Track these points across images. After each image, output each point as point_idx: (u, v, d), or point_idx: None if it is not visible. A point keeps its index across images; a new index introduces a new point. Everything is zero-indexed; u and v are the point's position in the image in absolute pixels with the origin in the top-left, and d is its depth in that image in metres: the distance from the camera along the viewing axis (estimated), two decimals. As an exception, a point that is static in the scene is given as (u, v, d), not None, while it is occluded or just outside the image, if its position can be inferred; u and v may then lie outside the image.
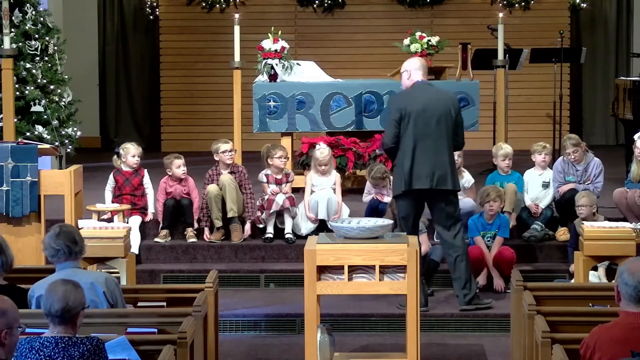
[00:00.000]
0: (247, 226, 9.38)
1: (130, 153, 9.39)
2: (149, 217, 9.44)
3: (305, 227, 9.36)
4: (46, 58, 11.39)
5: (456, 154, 9.31)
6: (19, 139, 9.59)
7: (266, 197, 9.38)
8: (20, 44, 11.06)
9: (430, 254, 8.64)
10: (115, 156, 9.59)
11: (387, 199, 9.01)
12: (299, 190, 9.90)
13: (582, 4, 14.98)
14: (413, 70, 8.07)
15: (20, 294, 5.77)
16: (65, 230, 5.72)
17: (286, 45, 10.65)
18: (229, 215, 9.28)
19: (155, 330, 5.55)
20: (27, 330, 5.17)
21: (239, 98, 10.93)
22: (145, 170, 9.52)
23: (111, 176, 9.41)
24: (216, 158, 9.50)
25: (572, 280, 8.09)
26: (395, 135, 7.89)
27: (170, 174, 9.49)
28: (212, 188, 9.30)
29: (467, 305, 8.06)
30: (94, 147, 14.48)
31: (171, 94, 15.06)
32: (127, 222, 8.90)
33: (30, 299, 5.71)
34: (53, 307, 4.64)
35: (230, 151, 9.46)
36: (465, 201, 9.25)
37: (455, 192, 8.10)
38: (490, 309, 8.17)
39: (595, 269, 8.03)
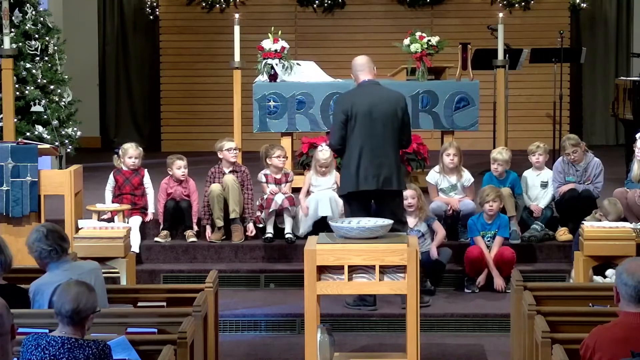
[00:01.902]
0: (250, 226, 9.39)
1: (127, 154, 9.38)
2: (149, 217, 9.44)
3: (304, 227, 9.35)
4: (46, 58, 11.39)
5: (452, 153, 9.34)
6: (19, 139, 9.59)
7: (265, 196, 9.38)
8: (20, 44, 11.06)
9: (438, 255, 8.70)
10: (115, 156, 9.60)
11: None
12: (298, 190, 9.89)
13: (582, 4, 14.98)
14: (358, 72, 8.10)
15: (20, 293, 5.78)
16: (52, 229, 5.81)
17: (286, 45, 10.65)
18: (232, 216, 9.29)
19: (155, 330, 5.56)
20: (27, 330, 5.19)
21: (239, 98, 10.93)
22: (146, 170, 9.52)
23: (111, 176, 9.42)
24: (220, 156, 9.51)
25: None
26: (341, 137, 7.92)
27: (170, 174, 9.50)
28: (215, 187, 9.29)
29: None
30: (94, 147, 14.48)
31: (171, 94, 15.06)
32: (127, 222, 8.90)
33: (34, 296, 5.72)
34: (64, 307, 4.65)
35: (234, 149, 9.48)
36: (466, 202, 9.25)
37: (401, 192, 8.15)
38: (429, 306, 8.22)
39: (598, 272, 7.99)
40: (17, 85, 10.64)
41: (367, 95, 7.95)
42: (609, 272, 7.74)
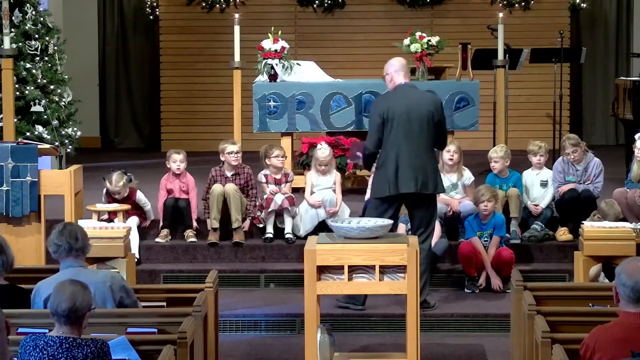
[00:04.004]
0: (247, 222, 9.39)
1: (112, 192, 9.18)
2: (148, 222, 9.43)
3: (304, 228, 9.35)
4: (46, 58, 11.39)
5: (452, 150, 9.35)
6: (19, 139, 9.58)
7: (265, 196, 9.38)
8: (20, 44, 11.06)
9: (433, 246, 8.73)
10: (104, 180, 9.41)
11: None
12: (299, 190, 9.90)
13: (582, 4, 14.98)
14: (394, 73, 8.06)
15: (21, 293, 5.79)
16: (69, 227, 5.77)
17: (286, 45, 10.65)
18: (234, 225, 9.26)
19: (155, 330, 5.56)
20: (28, 330, 5.19)
21: (239, 98, 10.94)
22: (138, 191, 9.39)
23: (104, 191, 9.31)
24: (222, 158, 9.51)
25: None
26: (379, 139, 7.86)
27: (169, 167, 9.53)
28: (218, 187, 9.26)
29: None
30: (94, 147, 14.48)
31: (171, 94, 15.05)
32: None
33: (34, 297, 5.71)
34: (60, 306, 4.64)
35: (236, 153, 9.44)
36: (466, 204, 9.24)
37: (435, 196, 8.10)
38: (435, 309, 8.21)
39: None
40: (17, 85, 10.64)
41: (404, 97, 7.91)
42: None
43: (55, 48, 11.56)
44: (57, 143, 10.72)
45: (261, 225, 9.46)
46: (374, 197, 8.04)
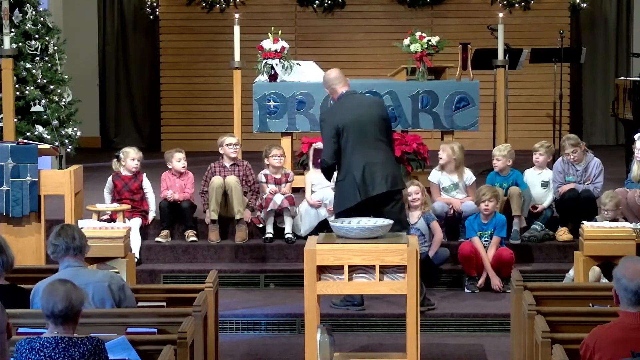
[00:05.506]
0: (247, 213, 9.38)
1: (130, 157, 9.36)
2: (150, 218, 9.44)
3: (304, 227, 9.35)
4: (46, 58, 11.39)
5: (454, 147, 9.34)
6: (19, 139, 9.58)
7: (265, 196, 9.39)
8: (20, 44, 11.06)
9: (432, 255, 8.72)
10: (115, 159, 9.57)
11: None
12: (299, 190, 9.90)
13: (582, 4, 14.98)
14: (335, 86, 7.97)
15: (21, 293, 5.79)
16: (67, 228, 5.80)
17: (286, 45, 10.65)
18: (236, 217, 9.27)
19: (155, 330, 5.56)
20: (28, 330, 5.19)
21: (239, 98, 10.94)
22: (144, 175, 9.50)
23: (110, 179, 9.41)
24: (220, 151, 9.53)
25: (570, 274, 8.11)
26: (335, 151, 7.75)
27: (170, 167, 9.53)
28: (217, 179, 9.28)
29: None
30: (94, 147, 14.49)
31: (171, 94, 15.05)
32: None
33: (33, 297, 5.71)
34: (56, 307, 4.63)
35: (235, 145, 9.47)
36: (468, 204, 9.23)
37: (402, 191, 8.05)
38: (435, 309, 8.20)
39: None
40: (17, 85, 10.63)
41: (351, 105, 7.88)
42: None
43: (55, 48, 11.56)
44: (57, 143, 10.71)
45: (261, 225, 9.46)
46: (341, 211, 7.67)
